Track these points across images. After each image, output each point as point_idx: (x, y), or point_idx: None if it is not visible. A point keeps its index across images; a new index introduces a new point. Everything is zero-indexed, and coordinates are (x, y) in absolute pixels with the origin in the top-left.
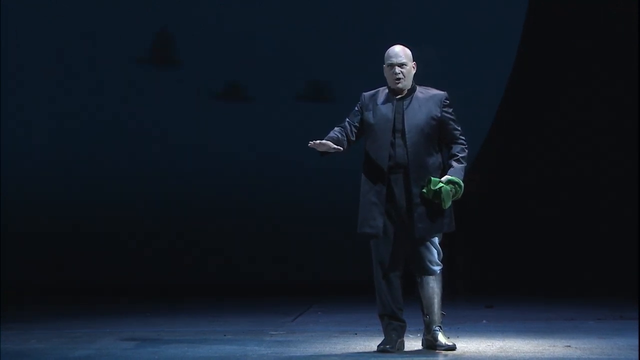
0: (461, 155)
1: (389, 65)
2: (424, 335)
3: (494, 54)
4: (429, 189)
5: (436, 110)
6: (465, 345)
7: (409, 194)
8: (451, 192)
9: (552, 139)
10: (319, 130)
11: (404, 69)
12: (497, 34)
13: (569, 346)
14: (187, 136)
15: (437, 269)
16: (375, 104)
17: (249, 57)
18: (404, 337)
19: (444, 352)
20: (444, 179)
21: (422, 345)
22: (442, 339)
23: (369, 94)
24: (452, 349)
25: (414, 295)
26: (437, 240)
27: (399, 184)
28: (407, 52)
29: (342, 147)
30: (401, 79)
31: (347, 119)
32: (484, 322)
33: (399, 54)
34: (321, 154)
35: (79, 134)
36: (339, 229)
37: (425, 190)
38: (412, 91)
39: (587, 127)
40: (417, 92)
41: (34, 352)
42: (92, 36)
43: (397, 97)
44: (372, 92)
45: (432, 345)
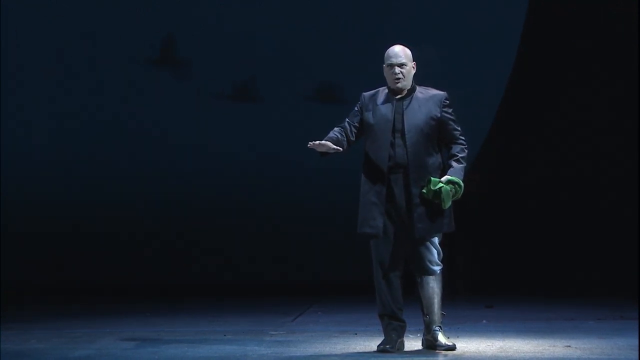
0: (461, 155)
1: (389, 65)
2: (424, 335)
3: (494, 54)
4: (428, 189)
5: (436, 110)
6: (465, 345)
7: (408, 194)
8: (451, 192)
9: (552, 139)
10: (320, 130)
11: (404, 69)
12: (497, 34)
13: (569, 346)
14: (187, 136)
15: (437, 269)
16: (375, 104)
17: (249, 57)
18: (404, 337)
19: (444, 352)
20: (444, 179)
21: (422, 345)
22: (442, 339)
23: (368, 94)
24: (452, 349)
25: (414, 295)
26: (437, 240)
27: (399, 184)
28: (407, 52)
29: (342, 148)
30: (401, 79)
31: (347, 119)
32: (484, 322)
33: (399, 54)
34: (321, 154)
35: (79, 134)
36: (339, 229)
37: (425, 190)
38: (412, 91)
39: (587, 127)
40: (417, 92)
41: (34, 352)
42: (92, 36)
43: (397, 97)
44: (372, 92)
45: (432, 345)
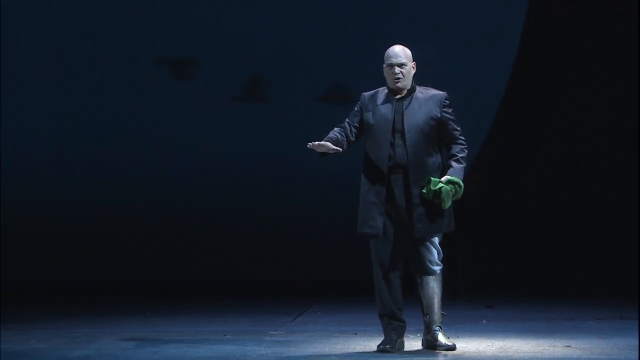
0: (461, 155)
1: (389, 65)
2: (424, 335)
3: (494, 54)
4: (428, 189)
5: (436, 110)
6: (465, 345)
7: (408, 194)
8: (451, 192)
9: (552, 139)
10: (321, 130)
11: (404, 69)
12: (497, 34)
13: (569, 346)
14: (187, 136)
15: (437, 269)
16: (375, 104)
17: (250, 57)
18: (403, 337)
19: (443, 352)
20: (444, 179)
21: (422, 345)
22: (442, 339)
23: (368, 94)
24: (452, 349)
25: (414, 295)
26: (437, 240)
27: (399, 184)
28: (407, 52)
29: (342, 148)
30: (400, 79)
31: (347, 119)
32: (484, 322)
33: (399, 54)
34: (320, 154)
35: (79, 134)
36: (339, 229)
37: (425, 190)
38: (411, 91)
39: (587, 127)
40: (416, 92)
41: (34, 352)
42: (92, 36)
43: (397, 97)
44: (372, 92)
45: (432, 345)
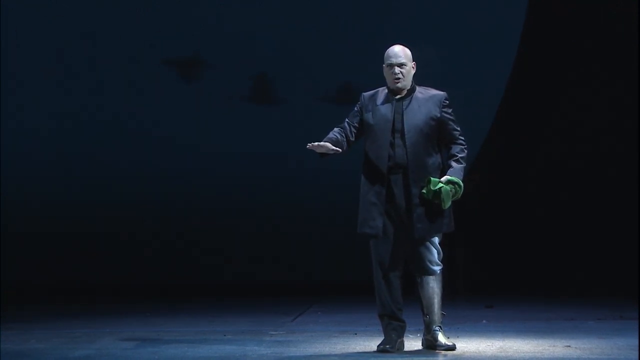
0: (460, 155)
1: (389, 65)
2: (424, 335)
3: (494, 54)
4: (428, 189)
5: (436, 110)
6: (465, 345)
7: (408, 194)
8: (451, 193)
9: (552, 139)
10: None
11: (404, 69)
12: (497, 34)
13: (569, 346)
14: (187, 137)
15: (437, 269)
16: (374, 104)
17: (249, 58)
18: (403, 337)
19: (443, 352)
20: (444, 179)
21: (422, 345)
22: (442, 339)
23: (368, 94)
24: (452, 349)
25: (414, 295)
26: (437, 240)
27: (399, 184)
28: (407, 52)
29: (342, 148)
30: (400, 79)
31: (347, 120)
32: (484, 322)
33: (399, 54)
34: (320, 155)
35: (79, 134)
36: (339, 229)
37: (425, 190)
38: (411, 91)
39: (587, 127)
40: (416, 93)
41: (34, 352)
42: (92, 36)
43: (397, 97)
44: (372, 92)
45: (432, 345)
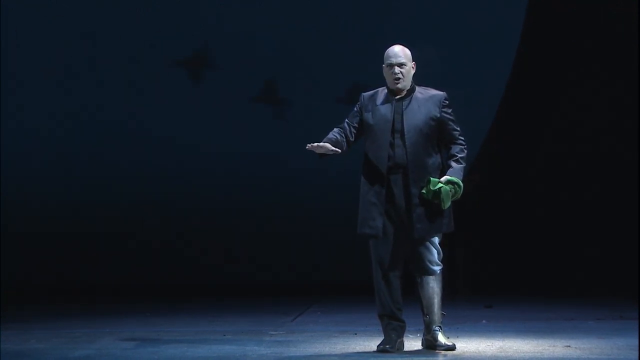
0: (460, 155)
1: (388, 65)
2: (423, 335)
3: (494, 54)
4: (428, 190)
5: (435, 110)
6: (465, 345)
7: (408, 194)
8: (450, 193)
9: (552, 139)
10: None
11: (403, 69)
12: (497, 34)
13: (569, 346)
14: (187, 136)
15: (437, 269)
16: (374, 104)
17: (249, 58)
18: (403, 337)
19: (443, 352)
20: (443, 179)
21: (422, 345)
22: (442, 339)
23: (368, 95)
24: (452, 349)
25: (414, 295)
26: (437, 240)
27: (399, 184)
28: (407, 52)
29: (341, 149)
30: (400, 79)
31: (346, 120)
32: (484, 322)
33: (399, 54)
34: (319, 155)
35: (79, 134)
36: (339, 229)
37: (424, 190)
38: (411, 91)
39: (587, 127)
40: (416, 93)
41: (34, 352)
42: (92, 36)
43: (397, 97)
44: (371, 92)
45: (432, 345)
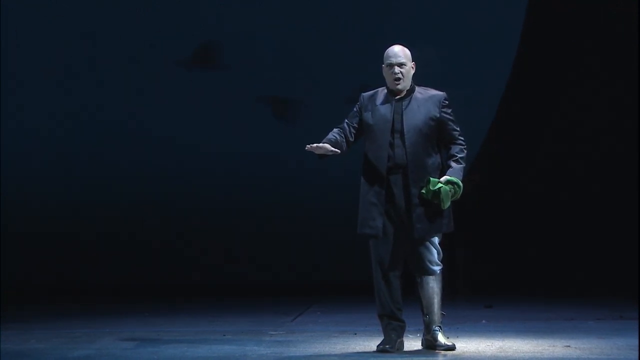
0: (460, 155)
1: (388, 65)
2: (423, 335)
3: (494, 54)
4: (428, 190)
5: (435, 110)
6: (464, 345)
7: (408, 194)
8: (450, 193)
9: (552, 139)
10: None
11: (403, 69)
12: (497, 34)
13: (569, 346)
14: (187, 136)
15: (437, 269)
16: (374, 104)
17: (249, 58)
18: (403, 337)
19: (443, 352)
20: (443, 179)
21: (422, 345)
22: (442, 339)
23: (367, 95)
24: (452, 349)
25: (414, 295)
26: (436, 240)
27: (398, 184)
28: (407, 52)
29: (341, 149)
30: (400, 79)
31: (346, 120)
32: (484, 322)
33: (398, 54)
34: (319, 156)
35: (79, 134)
36: (339, 229)
37: (424, 190)
38: (411, 91)
39: (587, 127)
40: (416, 93)
41: (34, 352)
42: (92, 36)
43: (396, 97)
44: (371, 92)
45: (431, 345)
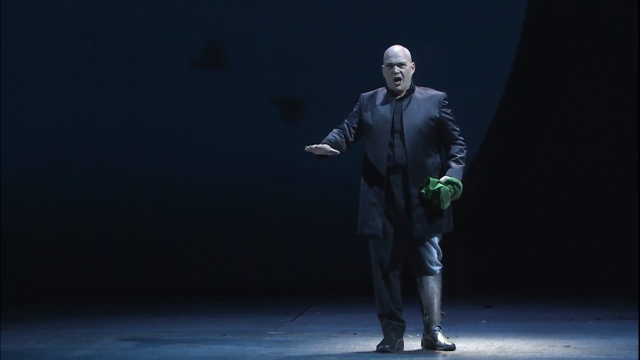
0: (460, 155)
1: (388, 65)
2: (423, 335)
3: (494, 54)
4: (427, 190)
5: (435, 110)
6: (464, 345)
7: (407, 194)
8: (450, 193)
9: (552, 139)
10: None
11: (403, 68)
12: (497, 33)
13: (568, 346)
14: (187, 136)
15: (437, 269)
16: (374, 104)
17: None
18: (403, 337)
19: (443, 352)
20: (443, 179)
21: (422, 345)
22: (442, 339)
23: (367, 95)
24: (452, 349)
25: (414, 295)
26: (436, 240)
27: (398, 184)
28: (406, 52)
29: (340, 150)
30: (400, 79)
31: (346, 120)
32: (484, 322)
33: (398, 53)
34: (319, 157)
35: (79, 134)
36: (339, 229)
37: (424, 190)
38: (410, 91)
39: (587, 127)
40: (415, 93)
41: (34, 352)
42: (92, 36)
43: (396, 97)
44: (371, 92)
45: (431, 345)
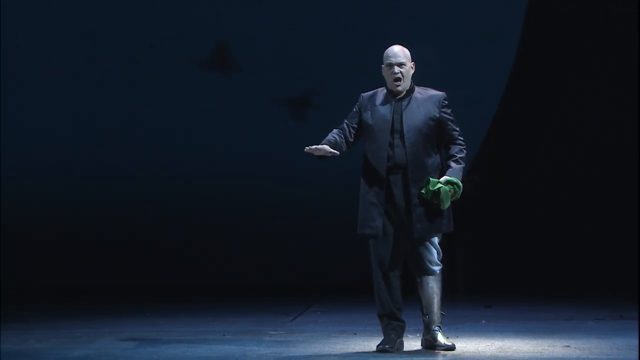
0: (460, 155)
1: (388, 65)
2: (423, 335)
3: (494, 54)
4: (427, 190)
5: (435, 110)
6: (464, 345)
7: (407, 194)
8: (450, 193)
9: (552, 139)
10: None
11: (403, 68)
12: (497, 33)
13: (568, 346)
14: (187, 136)
15: (437, 269)
16: (373, 104)
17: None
18: (403, 337)
19: (443, 352)
20: (443, 179)
21: (422, 345)
22: (442, 339)
23: (367, 95)
24: (452, 348)
25: (414, 295)
26: (436, 240)
27: (398, 184)
28: (406, 52)
29: (340, 150)
30: (400, 79)
31: (346, 121)
32: (483, 322)
33: (398, 53)
34: (318, 157)
35: (79, 134)
36: (339, 229)
37: (424, 190)
38: (410, 92)
39: (587, 127)
40: (415, 93)
41: (34, 352)
42: (92, 36)
43: (396, 97)
44: (371, 92)
45: (431, 345)
